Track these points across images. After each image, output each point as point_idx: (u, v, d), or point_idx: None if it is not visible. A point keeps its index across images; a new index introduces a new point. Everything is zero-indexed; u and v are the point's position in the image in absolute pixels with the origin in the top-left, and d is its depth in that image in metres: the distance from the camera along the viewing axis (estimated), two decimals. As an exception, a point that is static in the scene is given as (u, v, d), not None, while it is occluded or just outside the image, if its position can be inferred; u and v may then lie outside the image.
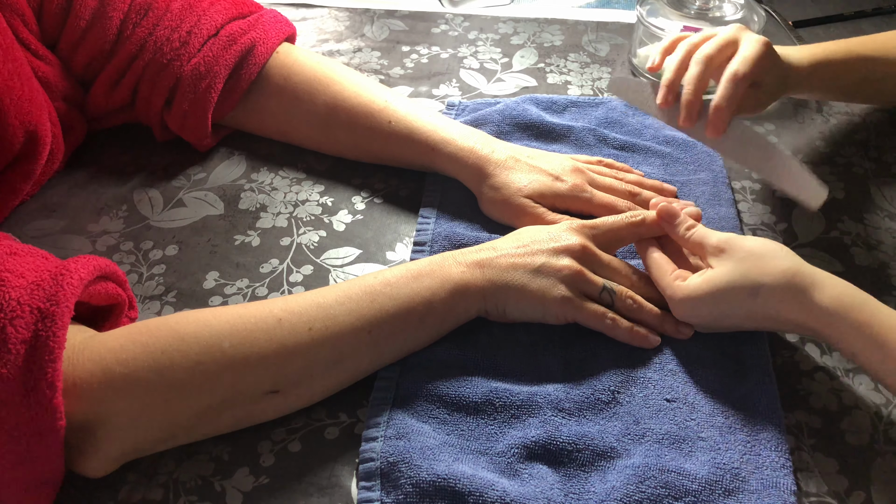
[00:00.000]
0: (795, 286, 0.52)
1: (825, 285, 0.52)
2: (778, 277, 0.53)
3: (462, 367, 0.57)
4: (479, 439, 0.53)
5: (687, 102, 0.65)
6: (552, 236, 0.60)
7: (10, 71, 0.64)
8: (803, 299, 0.52)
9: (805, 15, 1.04)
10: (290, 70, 0.76)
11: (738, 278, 0.54)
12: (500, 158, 0.69)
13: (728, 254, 0.56)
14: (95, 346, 0.49)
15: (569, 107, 0.84)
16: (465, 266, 0.58)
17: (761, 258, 0.54)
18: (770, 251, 0.55)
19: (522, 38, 0.99)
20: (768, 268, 0.53)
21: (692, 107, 0.65)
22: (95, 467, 0.50)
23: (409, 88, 0.89)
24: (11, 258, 0.49)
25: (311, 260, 0.68)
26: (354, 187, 0.76)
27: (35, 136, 0.67)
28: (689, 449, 0.52)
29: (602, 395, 0.56)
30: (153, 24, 0.74)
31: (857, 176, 0.77)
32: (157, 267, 0.67)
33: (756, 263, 0.54)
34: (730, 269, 0.55)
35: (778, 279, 0.53)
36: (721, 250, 0.56)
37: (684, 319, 0.58)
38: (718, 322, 0.57)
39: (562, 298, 0.57)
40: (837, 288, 0.52)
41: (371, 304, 0.55)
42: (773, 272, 0.53)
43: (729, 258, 0.55)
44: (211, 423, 0.52)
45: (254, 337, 0.51)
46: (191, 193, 0.75)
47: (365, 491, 0.50)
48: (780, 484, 0.50)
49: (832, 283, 0.52)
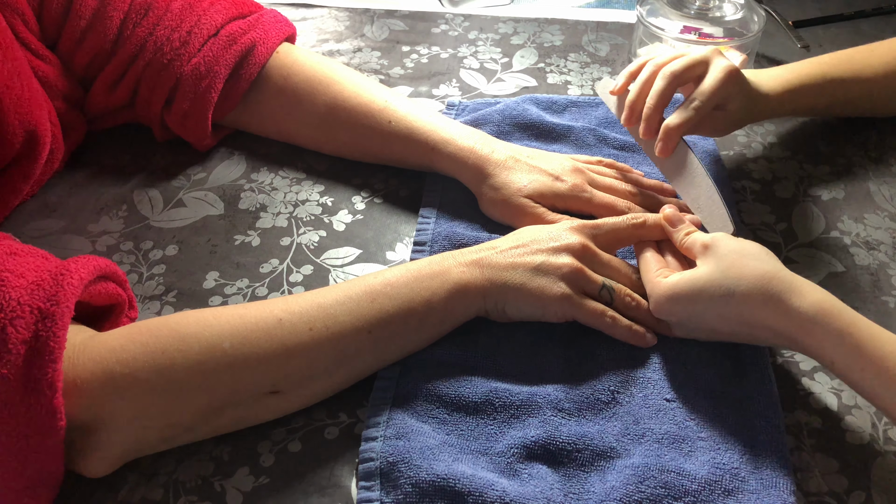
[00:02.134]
0: (771, 290, 0.52)
1: (804, 292, 0.51)
2: (754, 281, 0.52)
3: (462, 367, 0.57)
4: (478, 439, 0.53)
5: (646, 115, 0.66)
6: (552, 235, 0.60)
7: (10, 70, 0.64)
8: (779, 304, 0.51)
9: (805, 15, 1.04)
10: (291, 70, 0.76)
11: (717, 277, 0.54)
12: (499, 158, 0.69)
13: (711, 251, 0.56)
14: (96, 346, 0.49)
15: (569, 107, 0.84)
16: (464, 266, 0.58)
17: (741, 258, 0.54)
18: (751, 253, 0.55)
19: (522, 38, 0.99)
20: (746, 270, 0.53)
21: (650, 120, 0.66)
22: (95, 467, 0.50)
23: (409, 88, 0.89)
24: (11, 258, 0.49)
25: (311, 260, 0.68)
26: (354, 187, 0.76)
27: (35, 136, 0.67)
28: (689, 449, 0.52)
29: (602, 395, 0.56)
30: (153, 23, 0.74)
31: (857, 176, 0.77)
32: (157, 267, 0.67)
33: (735, 263, 0.54)
34: (710, 269, 0.54)
35: (753, 283, 0.52)
36: (706, 248, 0.56)
37: (660, 316, 0.57)
38: (693, 322, 0.56)
39: (561, 295, 0.57)
40: (816, 295, 0.51)
41: (371, 305, 0.55)
42: (750, 276, 0.53)
43: (712, 256, 0.55)
44: (211, 424, 0.52)
45: (254, 337, 0.51)
46: (191, 193, 0.75)
47: (365, 491, 0.50)
48: (780, 484, 0.50)
49: (810, 289, 0.52)
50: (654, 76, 0.66)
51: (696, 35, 0.87)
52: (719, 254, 0.55)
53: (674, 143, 0.65)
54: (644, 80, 0.67)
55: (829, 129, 0.83)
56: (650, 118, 0.66)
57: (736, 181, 0.76)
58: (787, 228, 0.71)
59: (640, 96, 0.67)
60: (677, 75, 0.65)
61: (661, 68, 0.66)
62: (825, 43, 0.99)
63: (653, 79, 0.66)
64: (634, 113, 0.67)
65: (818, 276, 0.67)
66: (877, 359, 0.48)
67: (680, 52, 0.68)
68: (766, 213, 0.73)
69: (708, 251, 0.56)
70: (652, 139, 0.66)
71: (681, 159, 0.66)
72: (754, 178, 0.77)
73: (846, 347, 0.49)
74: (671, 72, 0.65)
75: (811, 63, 0.75)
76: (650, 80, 0.67)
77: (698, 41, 0.87)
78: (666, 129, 0.65)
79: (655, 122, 0.66)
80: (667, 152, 0.66)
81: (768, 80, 0.72)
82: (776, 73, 0.73)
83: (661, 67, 0.67)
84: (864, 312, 0.51)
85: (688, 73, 0.66)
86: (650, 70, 0.67)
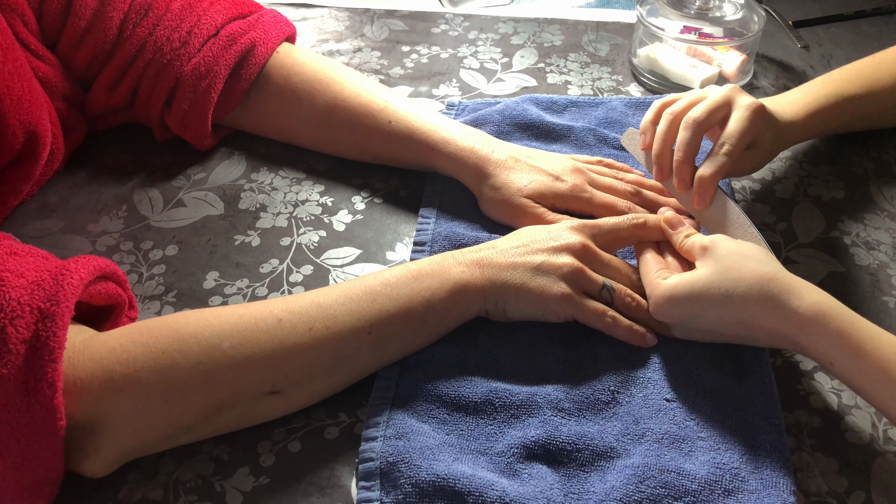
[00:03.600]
0: (770, 291, 0.52)
1: (802, 293, 0.51)
2: (752, 282, 0.52)
3: (462, 367, 0.57)
4: (478, 439, 0.53)
5: (678, 168, 0.63)
6: (552, 235, 0.60)
7: (10, 71, 0.64)
8: (778, 305, 0.51)
9: (805, 15, 1.04)
10: (291, 70, 0.76)
11: (716, 279, 0.53)
12: (500, 158, 0.69)
13: (710, 253, 0.56)
14: (96, 346, 0.49)
15: (569, 107, 0.84)
16: (464, 266, 0.58)
17: (740, 260, 0.54)
18: (750, 255, 0.54)
19: (522, 38, 0.99)
20: (745, 271, 0.53)
21: (682, 172, 0.63)
22: (95, 467, 0.50)
23: (409, 88, 0.89)
24: (11, 258, 0.49)
25: (311, 260, 0.68)
26: (354, 187, 0.76)
27: (35, 136, 0.67)
28: (689, 449, 0.52)
29: (602, 395, 0.56)
30: (153, 24, 0.74)
31: (857, 176, 0.77)
32: (157, 267, 0.67)
33: (734, 265, 0.54)
34: (709, 271, 0.54)
35: (752, 284, 0.52)
36: (705, 249, 0.56)
37: (659, 318, 0.57)
38: (692, 323, 0.56)
39: (562, 295, 0.57)
40: (815, 296, 0.51)
41: (371, 305, 0.55)
42: (749, 277, 0.53)
43: (711, 258, 0.55)
44: (211, 424, 0.52)
45: (254, 337, 0.51)
46: (191, 193, 0.75)
47: (364, 491, 0.50)
48: (780, 484, 0.50)
49: (809, 290, 0.52)
50: (675, 125, 0.63)
51: (695, 35, 0.87)
52: (718, 255, 0.55)
53: (711, 194, 0.62)
54: (665, 131, 0.64)
55: (829, 129, 0.83)
56: (681, 171, 0.63)
57: (736, 181, 0.76)
58: (787, 228, 0.71)
59: (666, 149, 0.64)
60: (701, 122, 0.62)
61: (682, 116, 0.63)
62: (825, 43, 0.99)
63: (674, 128, 0.63)
64: (664, 167, 0.64)
65: (818, 276, 0.67)
66: (876, 360, 0.48)
67: (697, 96, 0.64)
68: (766, 213, 0.73)
69: (707, 253, 0.56)
70: (687, 191, 0.64)
71: (719, 207, 0.63)
72: (754, 177, 0.77)
73: (845, 348, 0.49)
74: (694, 119, 0.62)
75: (825, 83, 0.73)
76: (671, 130, 0.64)
77: (698, 41, 0.87)
78: (701, 181, 0.61)
79: (688, 174, 0.63)
80: (704, 204, 0.62)
81: (788, 106, 0.70)
82: (795, 98, 0.71)
83: (680, 115, 0.63)
84: (864, 312, 0.51)
85: (712, 118, 0.63)
86: (668, 120, 0.64)
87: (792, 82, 0.91)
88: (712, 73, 0.87)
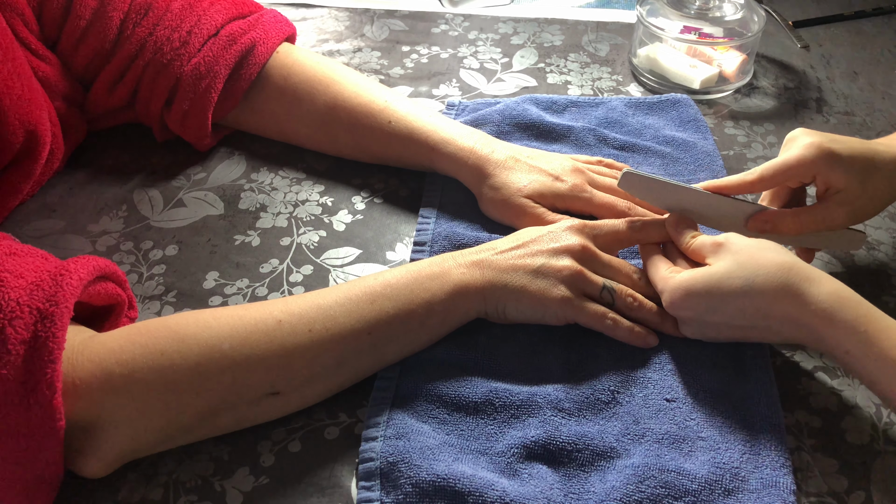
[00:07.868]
0: (790, 280, 0.52)
1: (822, 281, 0.52)
2: (773, 271, 0.53)
3: (462, 367, 0.57)
4: (478, 439, 0.53)
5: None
6: (552, 237, 0.60)
7: (10, 71, 0.64)
8: (798, 294, 0.52)
9: (805, 15, 1.04)
10: (291, 70, 0.76)
11: (735, 269, 0.54)
12: (499, 158, 0.69)
13: (725, 248, 0.56)
14: (95, 346, 0.49)
15: (569, 107, 0.84)
16: (464, 267, 0.58)
17: (758, 251, 0.54)
18: (767, 246, 0.55)
19: (522, 38, 0.99)
20: (764, 261, 0.53)
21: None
22: (95, 468, 0.50)
23: (409, 88, 0.89)
24: (11, 258, 0.49)
25: (311, 260, 0.68)
26: (354, 187, 0.76)
27: (35, 136, 0.67)
28: (689, 449, 0.52)
29: (602, 395, 0.56)
30: (153, 23, 0.74)
31: (858, 176, 0.77)
32: (157, 267, 0.67)
33: (753, 255, 0.54)
34: (727, 263, 0.55)
35: (773, 273, 0.53)
36: (719, 245, 0.56)
37: (675, 313, 0.57)
38: (708, 317, 0.55)
39: (562, 299, 0.57)
40: (833, 285, 0.52)
41: (371, 306, 0.55)
42: (769, 265, 0.53)
43: (726, 252, 0.55)
44: (210, 424, 0.52)
45: (254, 338, 0.51)
46: (191, 193, 0.75)
47: (365, 491, 0.50)
48: (780, 484, 0.50)
49: (827, 279, 0.52)
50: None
51: (695, 35, 0.87)
52: (734, 249, 0.55)
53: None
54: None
55: (830, 129, 0.83)
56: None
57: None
58: (787, 228, 0.71)
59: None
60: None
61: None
62: (825, 43, 0.99)
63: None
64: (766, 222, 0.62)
65: (818, 276, 0.67)
66: (891, 349, 0.49)
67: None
68: (766, 213, 0.73)
69: (721, 248, 0.56)
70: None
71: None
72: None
73: (862, 336, 0.50)
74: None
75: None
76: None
77: (698, 41, 0.87)
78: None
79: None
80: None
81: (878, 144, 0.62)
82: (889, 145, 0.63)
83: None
84: (865, 312, 0.51)
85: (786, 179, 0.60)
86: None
87: (792, 82, 0.91)
88: (712, 73, 0.87)
